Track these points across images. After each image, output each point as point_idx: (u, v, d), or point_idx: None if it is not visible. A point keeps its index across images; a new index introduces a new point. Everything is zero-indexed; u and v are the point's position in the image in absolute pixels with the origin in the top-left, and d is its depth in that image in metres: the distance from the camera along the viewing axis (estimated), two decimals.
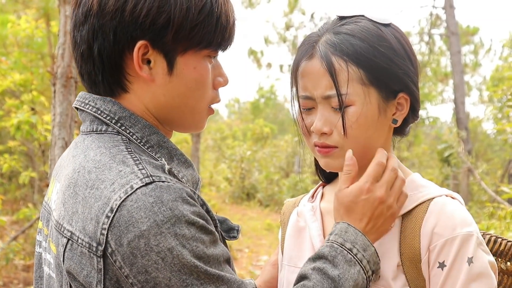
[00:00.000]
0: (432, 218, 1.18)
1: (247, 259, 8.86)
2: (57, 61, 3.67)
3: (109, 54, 1.08)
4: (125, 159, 1.04)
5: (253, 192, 15.64)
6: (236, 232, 1.20)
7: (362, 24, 1.22)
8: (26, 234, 7.51)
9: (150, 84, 1.11)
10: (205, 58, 1.13)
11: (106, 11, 1.06)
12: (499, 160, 16.37)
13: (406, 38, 1.26)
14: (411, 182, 1.27)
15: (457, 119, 12.43)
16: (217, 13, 1.10)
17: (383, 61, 1.19)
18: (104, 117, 1.12)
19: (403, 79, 1.21)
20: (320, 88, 1.21)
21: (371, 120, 1.20)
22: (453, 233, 1.14)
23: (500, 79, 11.09)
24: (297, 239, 1.41)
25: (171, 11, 1.05)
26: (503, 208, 7.10)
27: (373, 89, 1.19)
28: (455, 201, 1.22)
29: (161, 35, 1.07)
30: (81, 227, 1.02)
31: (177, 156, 1.15)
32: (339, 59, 1.18)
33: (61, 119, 3.60)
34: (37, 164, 8.51)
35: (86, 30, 1.09)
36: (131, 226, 0.96)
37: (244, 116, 27.84)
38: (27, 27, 7.10)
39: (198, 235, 0.99)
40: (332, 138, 1.22)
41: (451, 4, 12.75)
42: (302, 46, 1.27)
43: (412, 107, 1.27)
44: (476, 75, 21.64)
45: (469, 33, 18.63)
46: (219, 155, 19.13)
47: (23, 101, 7.29)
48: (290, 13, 16.40)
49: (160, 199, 0.97)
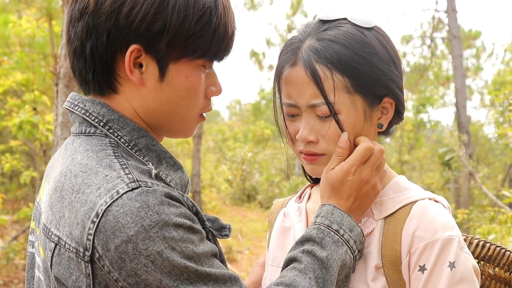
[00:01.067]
0: (414, 221, 1.17)
1: (247, 260, 8.86)
2: (60, 61, 3.68)
3: (101, 54, 1.07)
4: (112, 164, 1.03)
5: (254, 194, 15.64)
6: (227, 230, 1.20)
7: (345, 29, 1.19)
8: (27, 234, 7.52)
9: (140, 88, 1.10)
10: (198, 67, 1.12)
11: (102, 11, 1.04)
12: (500, 164, 16.36)
13: (390, 41, 1.24)
14: (395, 184, 1.27)
15: (459, 123, 12.41)
16: (215, 23, 1.08)
17: (368, 68, 1.17)
18: (93, 119, 1.11)
19: (388, 84, 1.20)
20: (305, 97, 1.19)
21: (358, 127, 1.20)
22: (434, 237, 1.13)
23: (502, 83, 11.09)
24: (281, 239, 1.41)
25: (167, 18, 1.04)
26: (504, 212, 7.09)
27: (359, 96, 1.18)
28: (438, 205, 1.21)
29: (155, 41, 1.05)
30: (68, 232, 1.02)
31: (166, 159, 1.14)
32: (324, 67, 1.16)
33: (63, 119, 3.60)
34: (39, 164, 8.51)
35: (81, 27, 1.07)
36: (118, 232, 0.95)
37: (245, 118, 27.85)
38: (28, 26, 7.10)
39: (186, 236, 1.00)
40: (318, 146, 1.22)
41: (453, 7, 12.76)
42: (285, 52, 1.24)
43: (396, 110, 1.26)
44: (478, 79, 21.64)
45: (471, 37, 18.62)
46: (220, 156, 19.13)
47: (25, 101, 7.29)
48: (293, 15, 16.42)
49: (146, 204, 0.97)
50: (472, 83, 21.53)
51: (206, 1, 1.07)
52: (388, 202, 1.24)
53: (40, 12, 7.45)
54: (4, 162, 7.82)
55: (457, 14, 12.77)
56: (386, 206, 1.23)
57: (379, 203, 1.25)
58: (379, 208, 1.24)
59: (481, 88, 21.93)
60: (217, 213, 13.31)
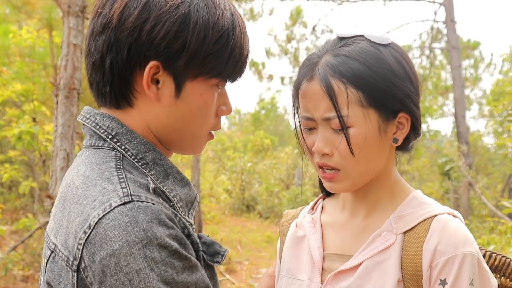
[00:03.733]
0: (435, 236, 1.19)
1: (246, 271, 8.82)
2: (60, 72, 3.69)
3: (120, 68, 1.09)
4: (111, 176, 1.05)
5: (253, 204, 15.61)
6: (220, 257, 1.17)
7: (361, 46, 1.23)
8: (26, 244, 7.50)
9: (155, 103, 1.12)
10: (212, 86, 1.14)
11: (125, 27, 1.06)
12: (500, 174, 16.35)
13: (406, 58, 1.27)
14: (413, 199, 1.29)
15: (458, 133, 12.43)
16: (232, 45, 1.11)
17: (382, 83, 1.20)
18: (102, 132, 1.13)
19: (403, 99, 1.23)
20: (320, 110, 1.22)
21: (372, 141, 1.22)
22: (455, 251, 1.16)
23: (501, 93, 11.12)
24: (295, 250, 1.42)
25: (187, 38, 1.06)
26: (504, 223, 7.09)
27: (372, 111, 1.21)
28: (457, 219, 1.24)
29: (174, 59, 1.07)
30: (63, 240, 1.04)
31: (173, 174, 1.15)
32: (338, 82, 1.20)
33: (63, 130, 3.61)
34: (38, 174, 8.51)
35: (102, 41, 1.09)
36: (105, 244, 0.96)
37: (244, 128, 27.85)
38: (28, 37, 7.13)
39: (168, 260, 0.98)
40: (333, 159, 1.24)
41: (452, 18, 12.81)
42: (303, 67, 1.28)
43: (413, 126, 1.28)
44: (477, 89, 21.70)
45: (469, 47, 18.68)
46: (220, 166, 19.11)
47: (25, 111, 7.30)
48: (292, 26, 16.46)
49: (135, 219, 0.97)
50: (471, 93, 21.59)
51: (225, 23, 1.10)
52: (407, 217, 1.25)
53: (41, 23, 7.48)
54: (3, 172, 7.80)
55: (455, 25, 12.83)
56: (406, 221, 1.25)
57: (398, 218, 1.26)
58: (399, 222, 1.26)
59: (479, 98, 21.99)
60: (216, 223, 13.29)
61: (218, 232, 11.77)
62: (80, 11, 3.81)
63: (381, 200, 1.31)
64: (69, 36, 3.72)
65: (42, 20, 7.48)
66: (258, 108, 30.12)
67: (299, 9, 16.33)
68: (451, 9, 12.93)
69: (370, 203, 1.32)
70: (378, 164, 1.27)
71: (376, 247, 1.25)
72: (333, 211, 1.40)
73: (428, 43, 14.81)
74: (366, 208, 1.33)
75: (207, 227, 11.99)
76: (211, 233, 11.43)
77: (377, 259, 1.23)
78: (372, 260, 1.24)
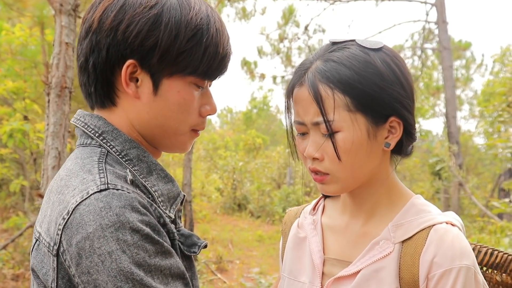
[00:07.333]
0: (432, 247, 1.20)
1: (238, 270, 8.83)
2: (52, 70, 3.68)
3: (102, 68, 1.16)
4: (92, 168, 1.11)
5: (245, 203, 15.61)
6: (197, 248, 1.21)
7: (351, 50, 1.24)
8: (16, 243, 7.47)
9: (136, 101, 1.18)
10: (190, 84, 1.19)
11: (103, 29, 1.14)
12: (490, 174, 16.46)
13: (398, 62, 1.26)
14: (412, 207, 1.29)
15: (449, 133, 12.50)
16: (206, 43, 1.16)
17: (369, 88, 1.20)
18: (90, 131, 1.20)
19: (392, 104, 1.23)
20: (309, 115, 1.24)
21: (360, 145, 1.22)
22: (452, 264, 1.17)
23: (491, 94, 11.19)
24: (297, 251, 1.43)
25: (159, 36, 1.12)
26: (493, 222, 7.14)
27: (360, 115, 1.21)
28: (455, 229, 1.23)
29: (148, 56, 1.14)
30: (46, 228, 1.10)
31: (156, 171, 1.20)
32: (326, 87, 1.21)
33: (54, 129, 3.60)
34: (29, 172, 8.47)
35: (86, 45, 1.17)
36: (80, 228, 1.01)
37: (236, 127, 27.82)
38: (21, 35, 7.09)
39: (140, 243, 1.02)
40: (323, 164, 1.25)
41: (444, 19, 12.88)
42: (295, 73, 1.30)
43: (406, 130, 1.28)
44: (468, 90, 21.82)
45: (461, 48, 18.79)
46: (211, 165, 19.11)
47: (16, 109, 7.26)
48: (284, 25, 16.46)
49: (109, 205, 1.02)
50: (462, 94, 21.70)
51: (198, 22, 1.15)
52: (406, 225, 1.26)
53: (32, 21, 7.44)
54: None
55: (447, 26, 12.90)
56: (404, 230, 1.25)
57: (396, 226, 1.27)
58: (397, 231, 1.26)
59: (470, 99, 22.11)
60: (207, 222, 13.28)
61: (210, 231, 11.77)
62: (72, 10, 3.80)
63: (380, 205, 1.32)
64: (61, 35, 3.71)
65: (33, 18, 7.44)
66: (250, 107, 30.12)
67: (292, 9, 16.34)
68: (443, 10, 13.00)
69: (369, 209, 1.32)
70: (368, 168, 1.26)
71: (374, 255, 1.26)
72: (333, 213, 1.41)
73: (419, 44, 14.87)
74: (365, 213, 1.33)
75: (198, 226, 11.98)
76: (203, 232, 11.42)
77: (375, 267, 1.24)
78: (370, 268, 1.25)
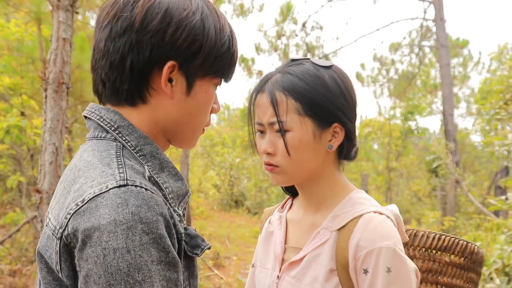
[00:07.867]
0: (358, 233, 1.41)
1: (235, 266, 8.85)
2: (49, 66, 3.67)
3: (141, 67, 1.19)
4: (111, 162, 1.13)
5: (242, 200, 15.64)
6: (200, 250, 1.23)
7: (305, 66, 1.50)
8: (13, 239, 7.47)
9: (167, 99, 1.22)
10: (214, 85, 1.28)
11: (148, 29, 1.17)
12: (486, 172, 16.52)
13: (344, 79, 1.52)
14: (349, 200, 1.50)
15: (446, 131, 12.52)
16: (233, 49, 1.27)
17: (317, 97, 1.45)
18: (105, 124, 1.22)
19: (335, 112, 1.47)
20: (266, 116, 1.49)
21: (306, 144, 1.47)
22: (373, 246, 1.37)
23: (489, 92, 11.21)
24: (266, 243, 1.68)
25: (203, 41, 1.20)
26: (490, 220, 7.17)
27: (308, 119, 1.46)
28: (381, 217, 1.43)
29: (191, 59, 1.20)
30: (57, 214, 1.12)
31: (168, 168, 1.23)
32: (281, 94, 1.47)
33: (52, 124, 3.60)
34: (25, 168, 8.46)
35: (123, 43, 1.18)
36: (93, 218, 1.02)
37: (233, 123, 27.83)
38: (17, 30, 7.07)
39: (147, 246, 1.03)
40: (275, 158, 1.49)
41: (442, 17, 12.90)
42: (259, 82, 1.55)
43: (347, 136, 1.51)
44: (465, 87, 21.87)
45: (458, 46, 18.81)
46: (208, 161, 19.11)
47: (13, 105, 7.25)
48: (282, 22, 16.45)
49: (127, 202, 1.03)
50: (459, 91, 21.77)
51: (227, 30, 1.26)
52: (341, 216, 1.47)
53: (29, 16, 7.42)
54: None
55: (445, 23, 12.91)
56: (339, 220, 1.47)
57: (333, 217, 1.48)
58: (334, 221, 1.48)
59: (467, 97, 22.17)
60: (204, 218, 13.30)
61: (207, 227, 11.78)
62: (70, 5, 3.79)
63: (325, 199, 1.54)
64: (59, 30, 3.70)
65: (30, 13, 7.41)
66: (247, 104, 30.10)
67: (290, 5, 16.34)
68: (441, 8, 13.02)
69: (316, 203, 1.55)
70: (312, 165, 1.50)
71: (316, 242, 1.48)
72: (295, 209, 1.64)
73: (417, 41, 14.90)
74: (313, 206, 1.56)
75: (195, 222, 11.99)
76: (200, 228, 11.43)
77: (316, 252, 1.47)
78: (312, 253, 1.48)
